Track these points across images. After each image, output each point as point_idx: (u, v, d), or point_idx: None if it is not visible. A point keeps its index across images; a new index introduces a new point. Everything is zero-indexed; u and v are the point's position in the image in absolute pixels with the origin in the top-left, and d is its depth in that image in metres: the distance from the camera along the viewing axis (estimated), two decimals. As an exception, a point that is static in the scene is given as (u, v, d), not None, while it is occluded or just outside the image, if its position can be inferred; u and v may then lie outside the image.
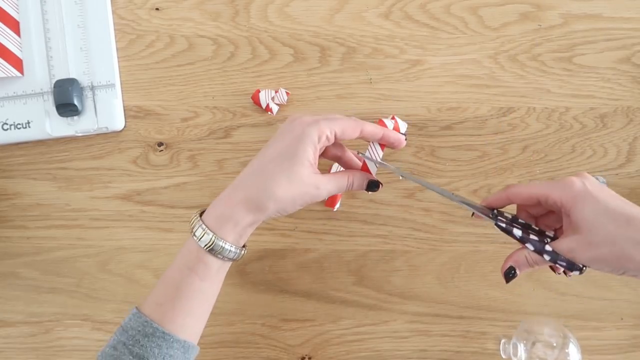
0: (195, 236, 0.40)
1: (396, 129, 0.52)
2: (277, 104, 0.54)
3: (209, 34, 0.55)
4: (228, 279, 0.54)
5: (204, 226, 0.40)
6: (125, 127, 0.55)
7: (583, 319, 0.54)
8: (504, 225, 0.42)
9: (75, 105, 0.52)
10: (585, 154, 0.54)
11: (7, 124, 0.53)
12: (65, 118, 0.53)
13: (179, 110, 0.55)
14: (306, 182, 0.40)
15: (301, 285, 0.54)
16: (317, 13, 0.55)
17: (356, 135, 0.43)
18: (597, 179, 0.53)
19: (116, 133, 0.55)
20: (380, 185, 0.45)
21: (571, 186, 0.39)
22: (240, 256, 0.42)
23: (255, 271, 0.54)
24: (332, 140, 0.42)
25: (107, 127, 0.54)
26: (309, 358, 0.54)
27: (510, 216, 0.44)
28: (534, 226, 0.43)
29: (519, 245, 0.42)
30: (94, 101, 0.54)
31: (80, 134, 0.54)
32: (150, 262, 0.54)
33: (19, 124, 0.53)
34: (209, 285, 0.42)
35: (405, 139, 0.45)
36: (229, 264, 0.43)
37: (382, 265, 0.54)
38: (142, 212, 0.54)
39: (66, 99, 0.52)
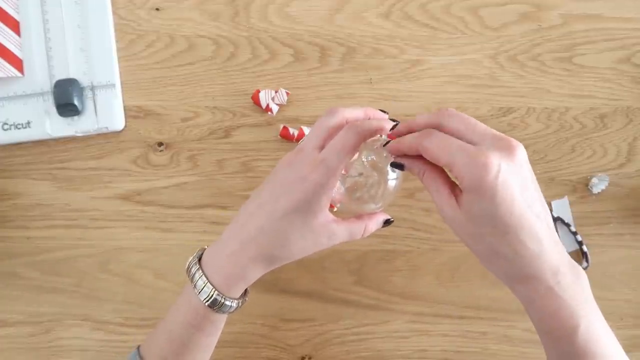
0: (201, 296, 0.39)
1: None
2: (277, 104, 0.54)
3: (209, 34, 0.55)
4: (228, 279, 0.54)
5: (210, 287, 0.39)
6: (125, 127, 0.55)
7: (583, 319, 0.53)
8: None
9: (75, 105, 0.52)
10: (585, 154, 0.54)
11: (7, 124, 0.53)
12: (65, 118, 0.53)
13: (179, 110, 0.55)
14: (320, 233, 0.40)
15: (301, 285, 0.54)
16: (317, 13, 0.55)
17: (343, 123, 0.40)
18: (599, 178, 0.53)
19: (116, 133, 0.55)
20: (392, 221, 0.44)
21: (483, 174, 0.32)
22: (244, 303, 0.42)
23: (255, 271, 0.54)
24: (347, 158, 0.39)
25: (107, 127, 0.54)
26: (309, 358, 0.54)
27: None
28: None
29: None
30: (94, 101, 0.54)
31: (80, 134, 0.54)
32: (150, 262, 0.54)
33: (19, 124, 0.53)
34: (215, 337, 0.43)
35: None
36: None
37: (383, 265, 0.54)
38: (142, 212, 0.54)
39: (66, 99, 0.52)
